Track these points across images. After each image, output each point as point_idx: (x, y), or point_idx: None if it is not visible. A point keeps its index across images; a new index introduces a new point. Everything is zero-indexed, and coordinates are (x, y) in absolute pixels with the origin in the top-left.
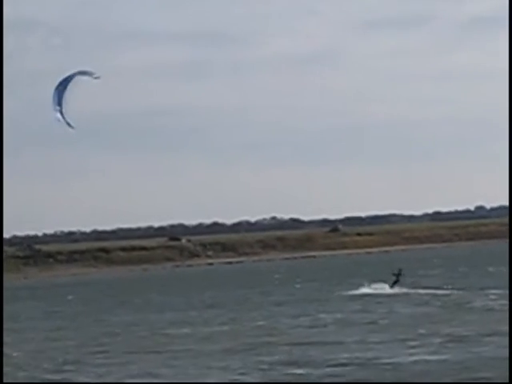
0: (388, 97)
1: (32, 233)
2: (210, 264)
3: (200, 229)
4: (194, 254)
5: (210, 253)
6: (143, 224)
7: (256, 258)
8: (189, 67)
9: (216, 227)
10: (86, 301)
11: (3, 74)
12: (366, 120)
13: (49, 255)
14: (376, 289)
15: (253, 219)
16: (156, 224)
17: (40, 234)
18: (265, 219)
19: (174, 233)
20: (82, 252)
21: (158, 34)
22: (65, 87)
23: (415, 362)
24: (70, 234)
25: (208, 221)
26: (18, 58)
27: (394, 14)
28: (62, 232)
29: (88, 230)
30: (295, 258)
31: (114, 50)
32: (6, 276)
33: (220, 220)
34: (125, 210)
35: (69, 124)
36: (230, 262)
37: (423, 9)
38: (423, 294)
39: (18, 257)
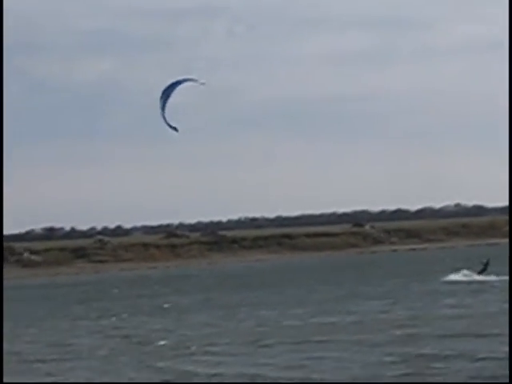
0: None
1: (216, 219)
2: (394, 250)
3: (384, 215)
4: (377, 241)
5: (393, 239)
6: (327, 210)
7: (440, 244)
8: (373, 54)
9: (400, 213)
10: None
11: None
12: None
13: (233, 241)
14: (465, 275)
15: (437, 206)
16: (340, 210)
17: (224, 219)
18: (448, 206)
19: (357, 219)
20: (265, 238)
21: (342, 20)
22: (168, 95)
23: None
24: (254, 219)
25: (392, 207)
26: (202, 45)
27: None
28: (246, 218)
29: (272, 216)
30: (479, 245)
31: (298, 38)
32: (190, 261)
33: (404, 206)
34: (309, 196)
35: (172, 127)
36: (414, 249)
37: None
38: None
39: (202, 242)
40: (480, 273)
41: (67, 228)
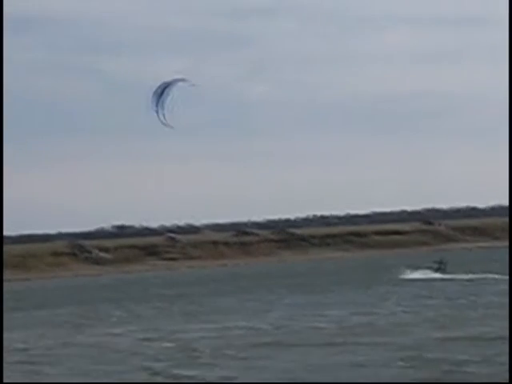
0: None
1: (285, 216)
2: (465, 248)
3: (454, 213)
4: (448, 238)
5: (464, 237)
6: (397, 208)
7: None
8: (435, 52)
9: (470, 211)
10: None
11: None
12: None
13: (302, 239)
14: (424, 274)
15: (507, 203)
16: (409, 208)
17: (293, 217)
18: None
19: (427, 217)
20: (334, 236)
21: (398, 19)
22: (162, 93)
23: None
24: (323, 217)
25: (462, 205)
26: (273, 42)
27: None
28: (314, 216)
29: (341, 213)
30: None
31: (353, 36)
32: (260, 259)
33: (474, 204)
34: (378, 194)
35: (165, 124)
36: (485, 247)
37: None
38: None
39: (272, 240)
40: (436, 271)
41: (137, 226)
